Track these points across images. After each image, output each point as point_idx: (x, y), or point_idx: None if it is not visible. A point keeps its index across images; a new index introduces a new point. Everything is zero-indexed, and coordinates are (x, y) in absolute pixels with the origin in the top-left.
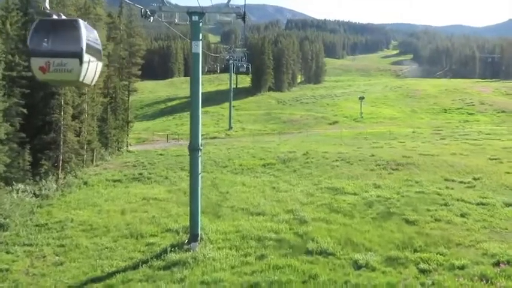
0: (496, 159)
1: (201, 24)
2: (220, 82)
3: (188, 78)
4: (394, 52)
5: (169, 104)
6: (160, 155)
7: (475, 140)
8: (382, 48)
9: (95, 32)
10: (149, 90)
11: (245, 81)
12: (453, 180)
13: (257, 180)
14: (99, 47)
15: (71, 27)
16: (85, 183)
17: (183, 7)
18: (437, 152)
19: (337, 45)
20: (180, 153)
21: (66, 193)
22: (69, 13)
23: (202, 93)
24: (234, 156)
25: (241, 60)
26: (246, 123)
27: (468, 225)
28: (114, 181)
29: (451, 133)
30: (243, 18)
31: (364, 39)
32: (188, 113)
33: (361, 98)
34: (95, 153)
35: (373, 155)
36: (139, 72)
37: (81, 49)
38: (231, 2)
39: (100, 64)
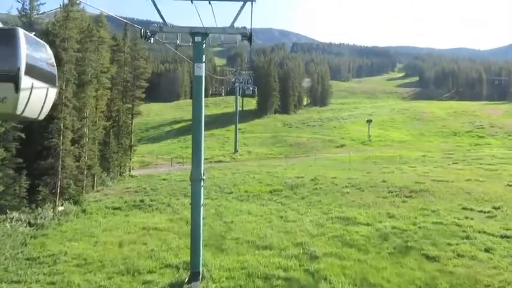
0: None
1: (204, 45)
2: (227, 105)
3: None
4: (400, 75)
5: (175, 126)
6: (164, 179)
7: (489, 164)
8: (387, 70)
9: (47, 48)
10: (155, 112)
11: (251, 103)
12: (472, 209)
13: (264, 209)
14: (52, 69)
15: (5, 39)
16: (83, 211)
17: (185, 27)
18: (452, 178)
19: (342, 68)
20: (184, 178)
21: (63, 222)
22: (71, 35)
23: (207, 115)
24: (239, 182)
25: (247, 83)
26: (252, 146)
27: (495, 262)
28: (114, 209)
29: (463, 157)
30: (250, 39)
31: (370, 62)
32: None
33: (369, 121)
34: (95, 179)
35: (384, 181)
36: (144, 95)
37: (18, 69)
38: (236, 24)
39: (53, 92)
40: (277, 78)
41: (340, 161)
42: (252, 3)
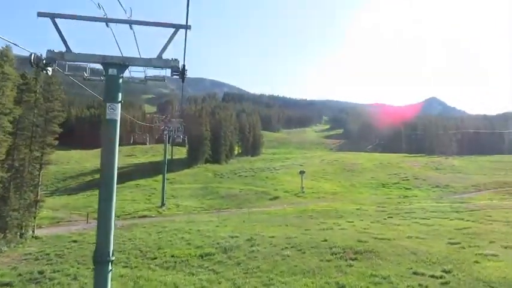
0: (455, 243)
1: (120, 80)
2: (155, 153)
3: (121, 148)
4: (326, 127)
5: (96, 176)
6: (74, 241)
7: (423, 219)
8: (315, 122)
9: None
10: (75, 160)
11: (181, 152)
12: (423, 274)
13: (193, 280)
14: None
15: None
16: None
17: (96, 56)
18: (393, 235)
19: (272, 119)
20: None
21: None
22: None
23: (135, 164)
24: (165, 244)
25: (178, 131)
26: (181, 199)
27: None
28: (2, 286)
29: (395, 210)
30: (182, 74)
31: (298, 113)
32: (118, 186)
33: (302, 172)
34: None
35: (325, 240)
36: (56, 142)
37: None
38: (165, 55)
39: None
40: (209, 127)
41: (276, 215)
42: (186, 31)
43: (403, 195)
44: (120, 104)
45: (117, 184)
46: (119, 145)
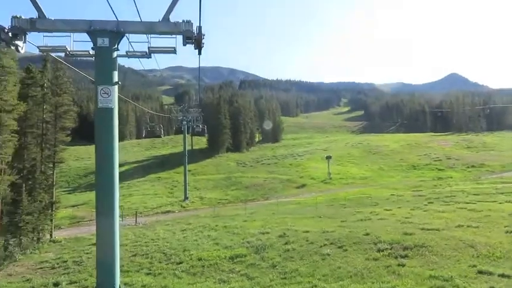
0: None
1: (115, 54)
2: (175, 144)
3: (140, 141)
4: (346, 109)
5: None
6: (94, 245)
7: (468, 203)
8: (333, 105)
9: None
10: None
11: (201, 142)
12: (491, 273)
13: None
14: None
15: None
16: None
17: (81, 22)
18: (440, 225)
19: (290, 104)
20: (121, 242)
21: None
22: None
23: (156, 156)
24: (190, 244)
25: (197, 121)
26: (204, 191)
27: None
28: None
29: (434, 194)
30: (198, 43)
31: (316, 97)
32: (139, 180)
33: (328, 158)
34: None
35: (367, 233)
36: (69, 139)
37: None
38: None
39: None
40: (228, 116)
41: (306, 204)
42: None
43: (437, 177)
44: (116, 87)
45: (137, 178)
46: (131, 139)
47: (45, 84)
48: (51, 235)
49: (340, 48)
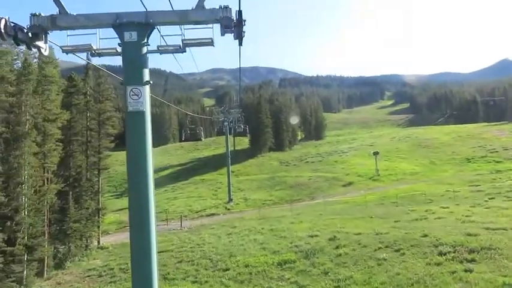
0: None
1: (145, 49)
2: (217, 145)
3: (183, 144)
4: (390, 102)
5: (162, 173)
6: None
7: None
8: (377, 99)
9: None
10: None
11: (243, 142)
12: None
13: None
14: None
15: None
16: None
17: (106, 16)
18: (507, 224)
19: (332, 100)
20: (166, 247)
21: None
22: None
23: (199, 158)
24: (237, 250)
25: (238, 121)
26: (248, 192)
27: None
28: None
29: (494, 189)
30: (239, 31)
31: (358, 92)
32: (183, 182)
33: (376, 153)
34: (45, 262)
35: (425, 235)
36: (112, 145)
37: None
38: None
39: None
40: (269, 114)
41: (354, 204)
42: None
43: (495, 170)
44: (147, 87)
45: (182, 181)
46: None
47: (88, 92)
48: (98, 241)
49: (379, 41)
